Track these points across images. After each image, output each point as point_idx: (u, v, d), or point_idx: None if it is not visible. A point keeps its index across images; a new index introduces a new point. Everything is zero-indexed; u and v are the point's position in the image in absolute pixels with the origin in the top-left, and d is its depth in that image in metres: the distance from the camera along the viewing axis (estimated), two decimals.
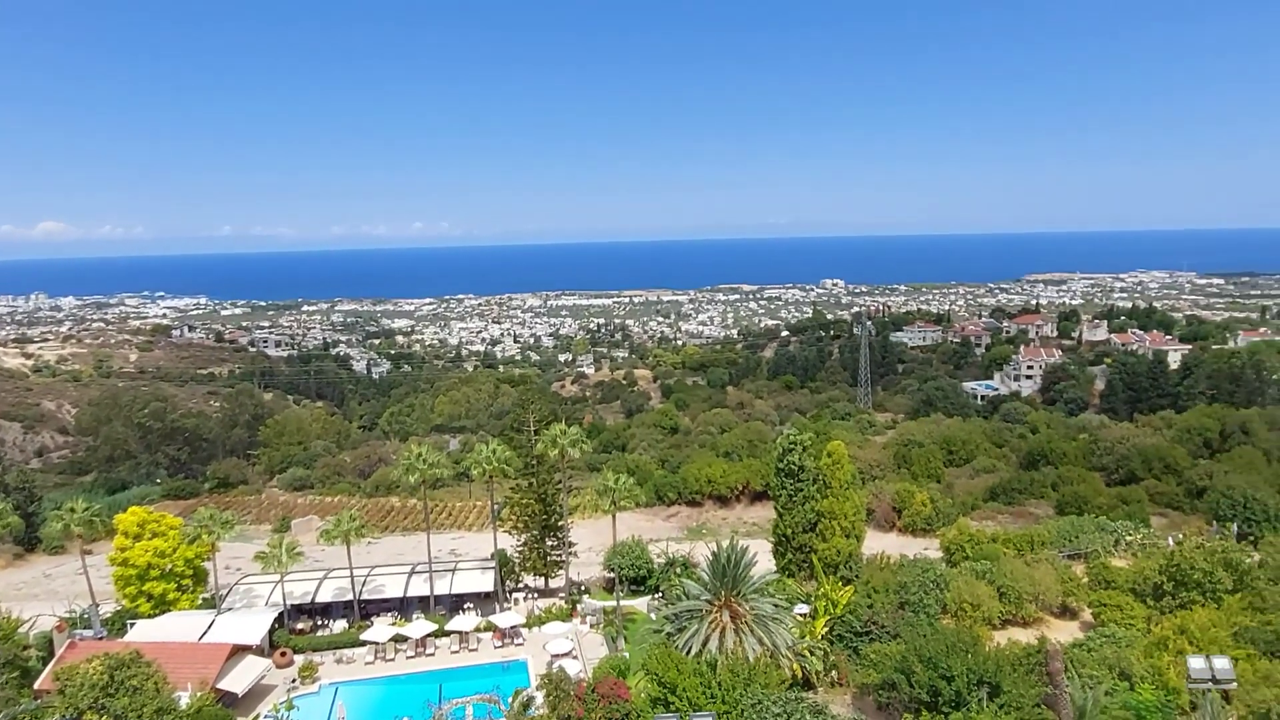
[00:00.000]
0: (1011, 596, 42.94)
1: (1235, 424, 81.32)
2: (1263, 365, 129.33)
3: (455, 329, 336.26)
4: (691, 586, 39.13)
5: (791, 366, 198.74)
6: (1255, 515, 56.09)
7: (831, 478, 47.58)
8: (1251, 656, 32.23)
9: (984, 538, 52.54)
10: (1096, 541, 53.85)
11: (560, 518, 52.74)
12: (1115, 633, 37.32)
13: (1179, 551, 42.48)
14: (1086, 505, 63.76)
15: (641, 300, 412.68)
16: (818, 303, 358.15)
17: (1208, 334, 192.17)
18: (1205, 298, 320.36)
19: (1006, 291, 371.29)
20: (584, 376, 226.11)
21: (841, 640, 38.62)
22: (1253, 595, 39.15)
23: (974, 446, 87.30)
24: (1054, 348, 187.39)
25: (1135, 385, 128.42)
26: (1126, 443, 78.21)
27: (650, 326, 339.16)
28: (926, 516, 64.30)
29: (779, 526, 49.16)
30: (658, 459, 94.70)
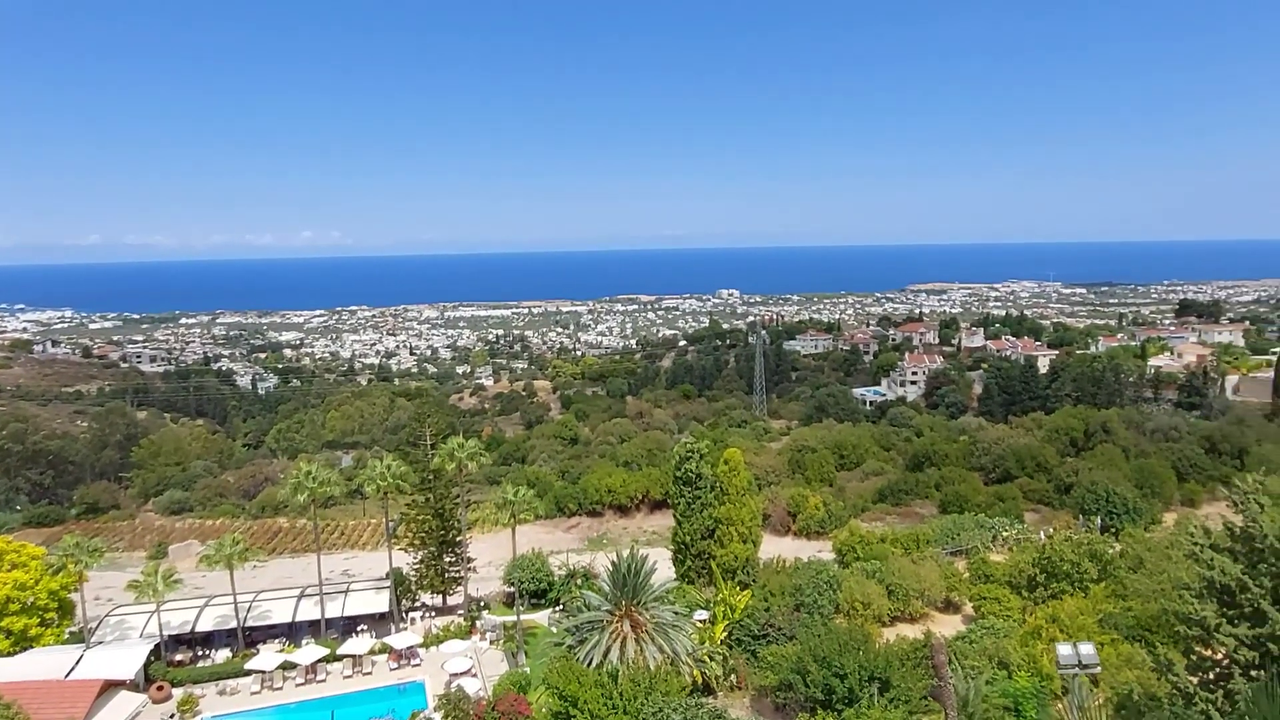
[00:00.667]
0: (900, 594, 44.71)
1: (1097, 424, 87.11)
2: (1120, 368, 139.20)
3: (348, 341, 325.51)
4: (592, 597, 39.05)
5: (689, 375, 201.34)
6: (1116, 509, 60.30)
7: (728, 484, 48.45)
8: (1115, 641, 34.53)
9: (874, 538, 54.48)
10: (976, 538, 56.63)
11: (459, 533, 51.76)
12: (994, 624, 39.33)
13: (1050, 545, 45.24)
14: (967, 504, 67.08)
15: (541, 311, 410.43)
16: (714, 312, 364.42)
17: (1072, 340, 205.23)
18: (1070, 306, 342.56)
19: (892, 301, 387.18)
20: (483, 388, 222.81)
21: (740, 644, 39.31)
22: (1115, 584, 42.01)
23: (864, 450, 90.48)
24: (936, 354, 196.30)
25: (1009, 389, 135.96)
26: (1002, 443, 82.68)
27: (550, 337, 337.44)
28: (820, 519, 66.20)
29: (678, 534, 49.64)
30: (558, 470, 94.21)
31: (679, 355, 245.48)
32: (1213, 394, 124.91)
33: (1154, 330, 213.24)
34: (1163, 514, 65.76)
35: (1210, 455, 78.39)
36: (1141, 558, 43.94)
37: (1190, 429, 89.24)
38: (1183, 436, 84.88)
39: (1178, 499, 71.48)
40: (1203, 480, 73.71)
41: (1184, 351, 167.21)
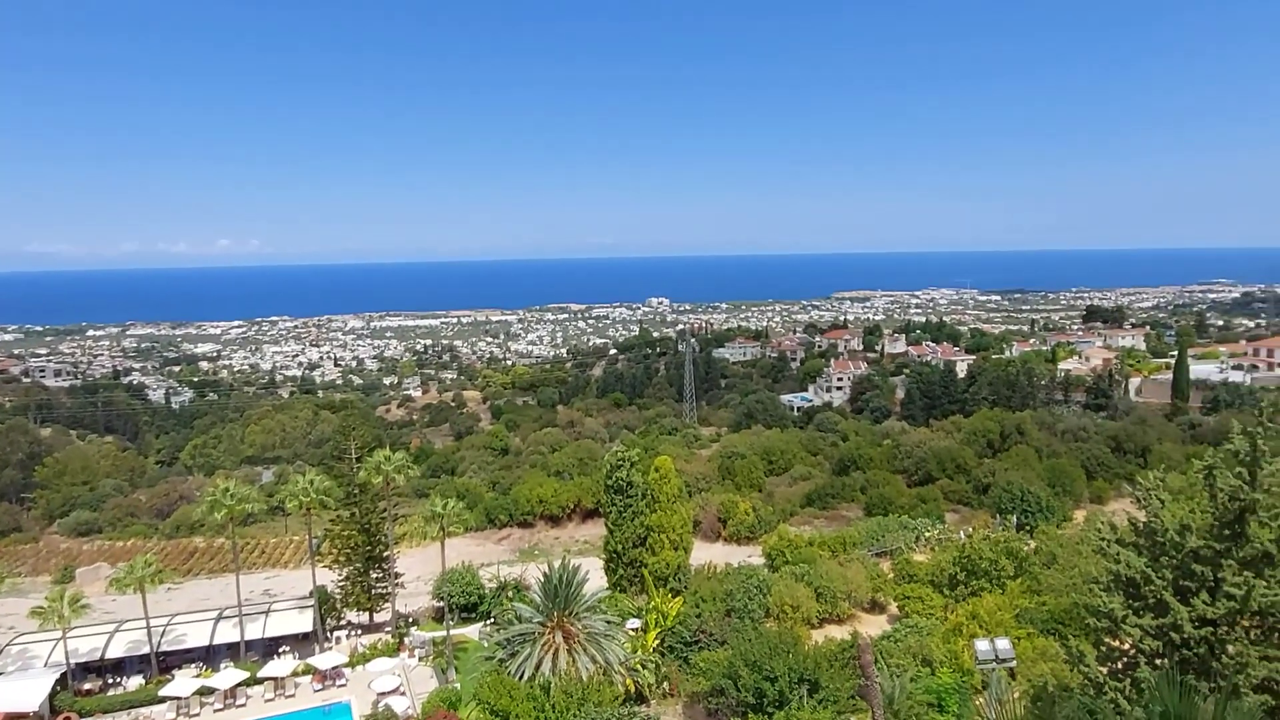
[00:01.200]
0: (828, 596, 45.55)
1: (1012, 425, 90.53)
2: (1033, 372, 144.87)
3: (268, 353, 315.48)
4: (524, 609, 38.65)
5: (620, 384, 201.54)
6: (1030, 507, 62.70)
7: (659, 492, 48.66)
8: (1031, 635, 35.86)
9: (802, 542, 55.39)
10: (900, 539, 58.15)
11: (385, 548, 50.61)
12: (918, 623, 40.40)
13: (969, 544, 46.76)
14: (891, 506, 68.84)
15: (470, 320, 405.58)
16: (644, 321, 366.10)
17: (988, 345, 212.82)
18: (986, 312, 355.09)
19: (818, 308, 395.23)
20: (410, 399, 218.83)
21: (672, 651, 39.45)
22: (1030, 580, 43.67)
23: (792, 455, 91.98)
24: (860, 360, 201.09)
25: (930, 393, 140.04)
26: (924, 446, 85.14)
27: (479, 347, 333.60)
28: (750, 525, 66.98)
29: (610, 543, 49.58)
30: (488, 481, 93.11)
31: (610, 364, 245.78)
32: (1117, 395, 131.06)
33: (1063, 335, 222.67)
34: (1073, 511, 68.67)
35: (1116, 454, 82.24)
36: (1054, 554, 45.78)
37: (1097, 429, 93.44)
38: (1091, 437, 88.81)
39: (1087, 496, 74.70)
40: (1109, 478, 77.20)
41: (1091, 355, 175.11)
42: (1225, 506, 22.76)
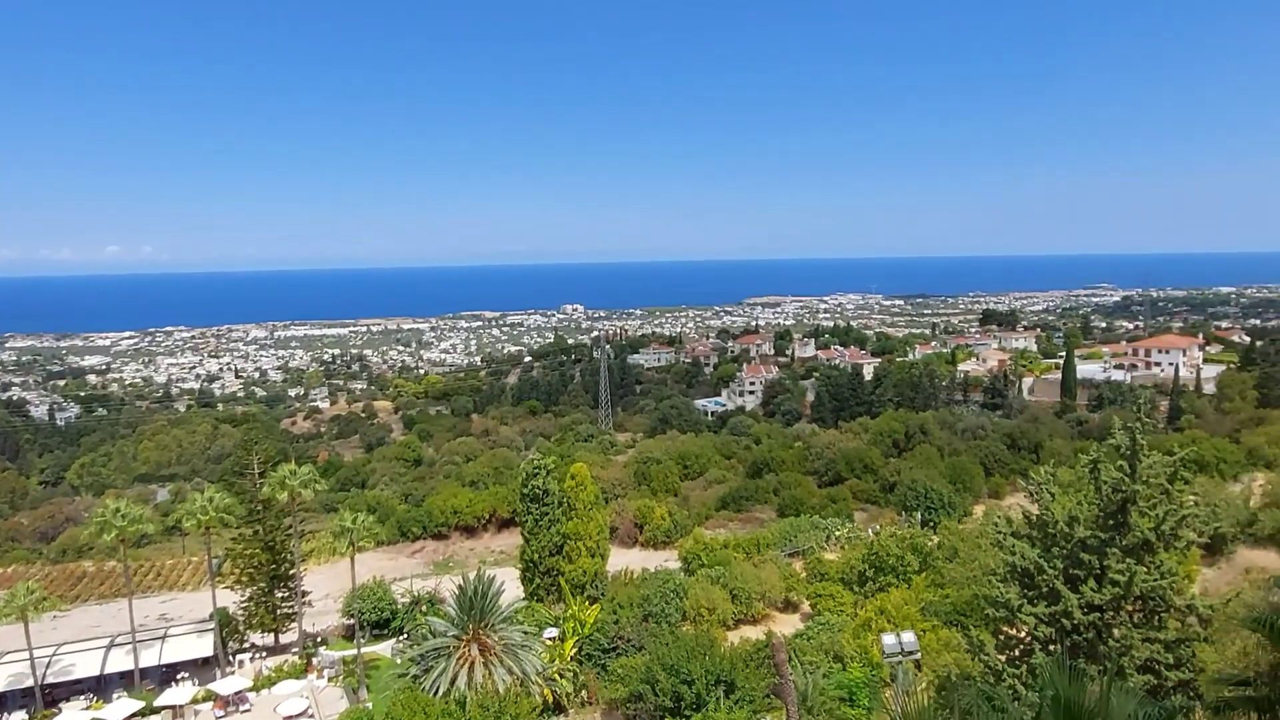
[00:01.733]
0: (742, 597, 46.20)
1: (916, 426, 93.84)
2: (934, 374, 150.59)
3: (163, 365, 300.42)
4: (438, 623, 37.86)
5: (535, 391, 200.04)
6: (934, 504, 65.10)
7: (576, 499, 48.48)
8: (935, 627, 37.18)
9: (717, 545, 56.06)
10: (812, 539, 59.45)
11: (292, 566, 48.80)
12: (829, 620, 41.40)
13: (877, 541, 48.19)
14: (803, 506, 70.35)
15: (380, 329, 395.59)
16: (559, 328, 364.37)
17: (893, 348, 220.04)
18: (890, 316, 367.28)
19: (730, 314, 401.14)
20: (318, 411, 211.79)
21: (590, 659, 39.28)
22: (934, 574, 45.30)
23: (706, 460, 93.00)
24: (772, 364, 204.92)
25: (839, 395, 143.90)
26: (833, 447, 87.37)
27: (390, 356, 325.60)
28: (666, 529, 67.39)
29: (526, 552, 49.10)
30: (401, 493, 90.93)
31: (525, 371, 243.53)
32: (1012, 395, 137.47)
33: (962, 338, 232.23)
34: (973, 506, 71.63)
35: (1011, 451, 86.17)
36: (956, 548, 47.60)
37: (994, 427, 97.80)
38: (988, 435, 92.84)
39: (985, 492, 78.02)
40: (1006, 474, 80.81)
41: (987, 357, 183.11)
42: (1109, 498, 24.09)
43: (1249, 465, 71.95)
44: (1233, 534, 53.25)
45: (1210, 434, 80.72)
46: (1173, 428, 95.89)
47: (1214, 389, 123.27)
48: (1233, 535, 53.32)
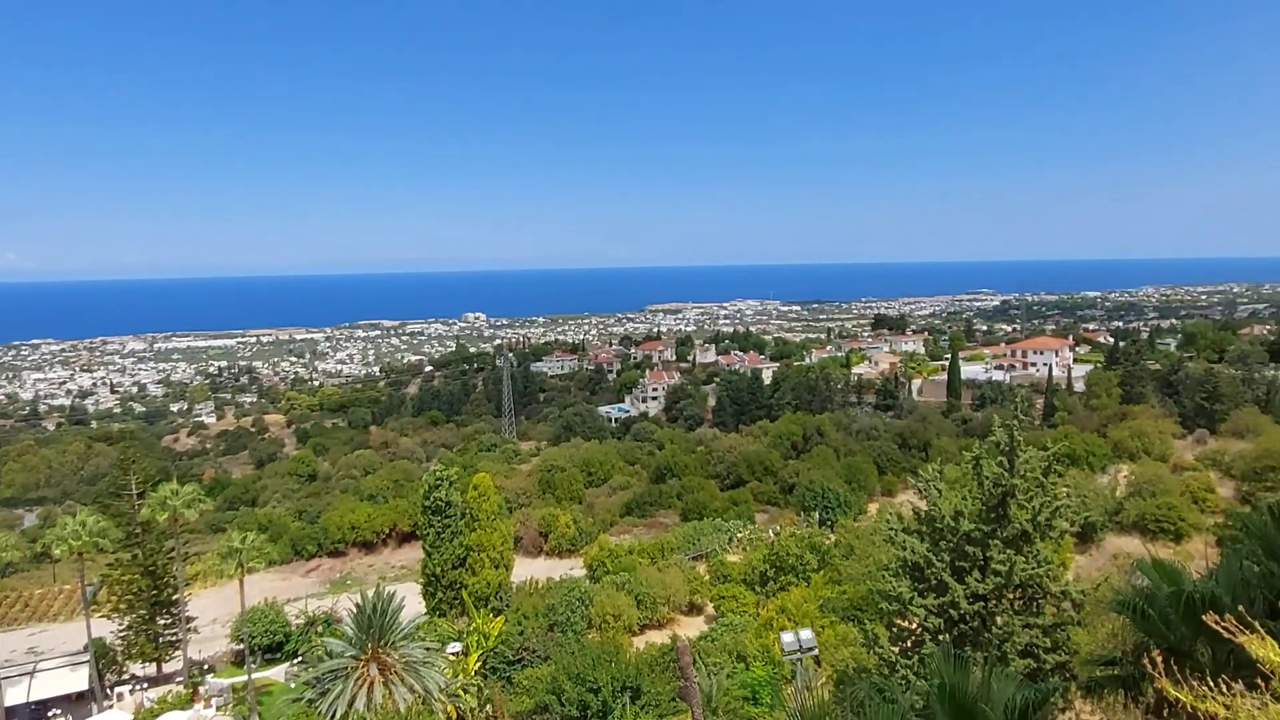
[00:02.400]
0: (648, 602, 46.42)
1: (813, 428, 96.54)
2: (830, 377, 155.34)
3: (29, 381, 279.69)
4: (335, 644, 36.45)
5: (437, 401, 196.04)
6: (831, 503, 67.07)
7: (479, 510, 47.75)
8: (833, 623, 38.21)
9: (622, 551, 56.17)
10: (715, 541, 60.29)
11: (175, 590, 46.16)
12: (733, 621, 42.02)
13: (777, 541, 49.30)
14: (706, 510, 71.29)
15: (271, 340, 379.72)
16: (461, 336, 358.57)
17: (791, 352, 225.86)
18: (788, 322, 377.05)
19: (633, 321, 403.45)
20: (203, 427, 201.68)
21: (495, 672, 38.65)
22: (832, 571, 46.60)
23: (610, 466, 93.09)
24: (674, 370, 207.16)
25: (739, 400, 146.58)
26: (734, 451, 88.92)
27: (282, 367, 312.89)
28: (571, 537, 67.12)
29: (428, 566, 48.05)
30: (294, 510, 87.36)
31: (426, 381, 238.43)
32: (903, 396, 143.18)
33: (856, 342, 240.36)
34: (868, 504, 74.12)
35: (903, 450, 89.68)
36: (852, 545, 49.12)
37: (886, 428, 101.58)
38: (881, 435, 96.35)
39: (879, 490, 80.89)
40: (898, 472, 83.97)
41: (879, 360, 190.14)
42: (990, 492, 25.30)
43: (1115, 457, 77.06)
44: (1101, 522, 56.94)
45: (1080, 429, 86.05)
46: (1048, 424, 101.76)
47: (1083, 387, 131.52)
48: (1101, 523, 57.01)
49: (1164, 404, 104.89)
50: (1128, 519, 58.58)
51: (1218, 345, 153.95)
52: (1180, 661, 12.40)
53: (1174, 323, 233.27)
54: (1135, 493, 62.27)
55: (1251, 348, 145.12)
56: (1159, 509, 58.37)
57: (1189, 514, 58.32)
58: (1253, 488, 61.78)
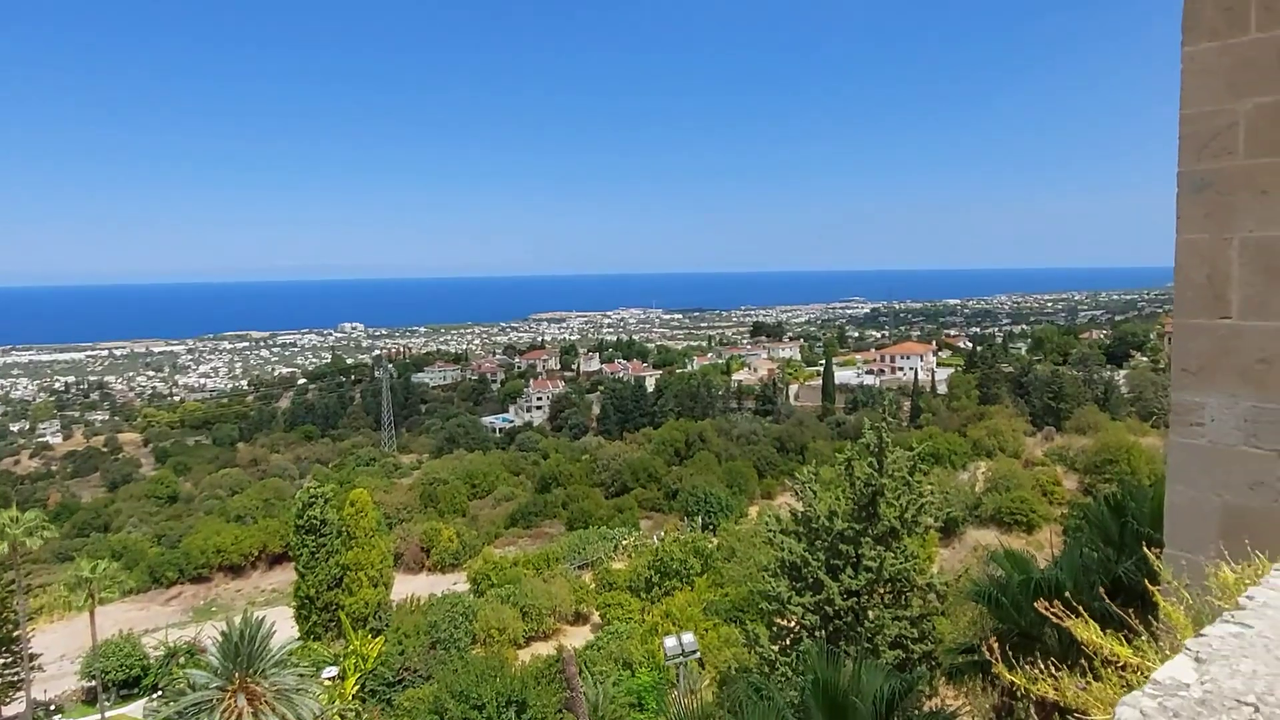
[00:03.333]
0: (533, 614, 45.96)
1: (695, 434, 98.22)
2: (711, 384, 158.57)
3: None
4: (198, 675, 34.17)
5: (311, 415, 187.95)
6: (713, 507, 68.39)
7: (356, 527, 46.09)
8: (717, 625, 38.93)
9: (507, 563, 55.47)
10: (600, 549, 60.38)
11: (15, 626, 42.30)
12: (619, 628, 42.13)
13: (662, 547, 49.83)
14: (591, 518, 71.32)
15: (125, 353, 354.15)
16: (337, 347, 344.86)
17: (673, 360, 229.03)
18: (670, 330, 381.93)
19: (516, 330, 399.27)
20: (48, 448, 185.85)
21: (375, 695, 37.29)
22: (715, 574, 47.50)
23: (494, 477, 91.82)
24: (558, 379, 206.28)
25: (623, 408, 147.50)
26: (619, 459, 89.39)
27: (138, 382, 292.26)
28: (454, 551, 65.75)
29: (301, 588, 45.98)
30: (153, 535, 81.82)
31: (299, 394, 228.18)
32: (780, 401, 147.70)
33: (736, 349, 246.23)
34: (748, 507, 76.00)
35: (781, 453, 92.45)
36: (734, 548, 50.25)
37: (765, 432, 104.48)
38: (760, 440, 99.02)
39: (759, 493, 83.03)
40: (776, 475, 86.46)
41: (758, 366, 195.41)
42: (861, 492, 26.41)
43: (974, 455, 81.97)
44: (962, 517, 60.46)
45: (943, 429, 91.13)
46: (914, 425, 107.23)
47: (946, 389, 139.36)
48: (962, 518, 60.54)
49: (1016, 404, 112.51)
50: (986, 513, 62.44)
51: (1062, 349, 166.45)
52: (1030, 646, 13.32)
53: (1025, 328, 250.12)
54: (992, 488, 66.45)
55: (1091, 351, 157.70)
56: (1013, 502, 62.53)
57: (1039, 506, 62.75)
58: (1093, 480, 66.98)
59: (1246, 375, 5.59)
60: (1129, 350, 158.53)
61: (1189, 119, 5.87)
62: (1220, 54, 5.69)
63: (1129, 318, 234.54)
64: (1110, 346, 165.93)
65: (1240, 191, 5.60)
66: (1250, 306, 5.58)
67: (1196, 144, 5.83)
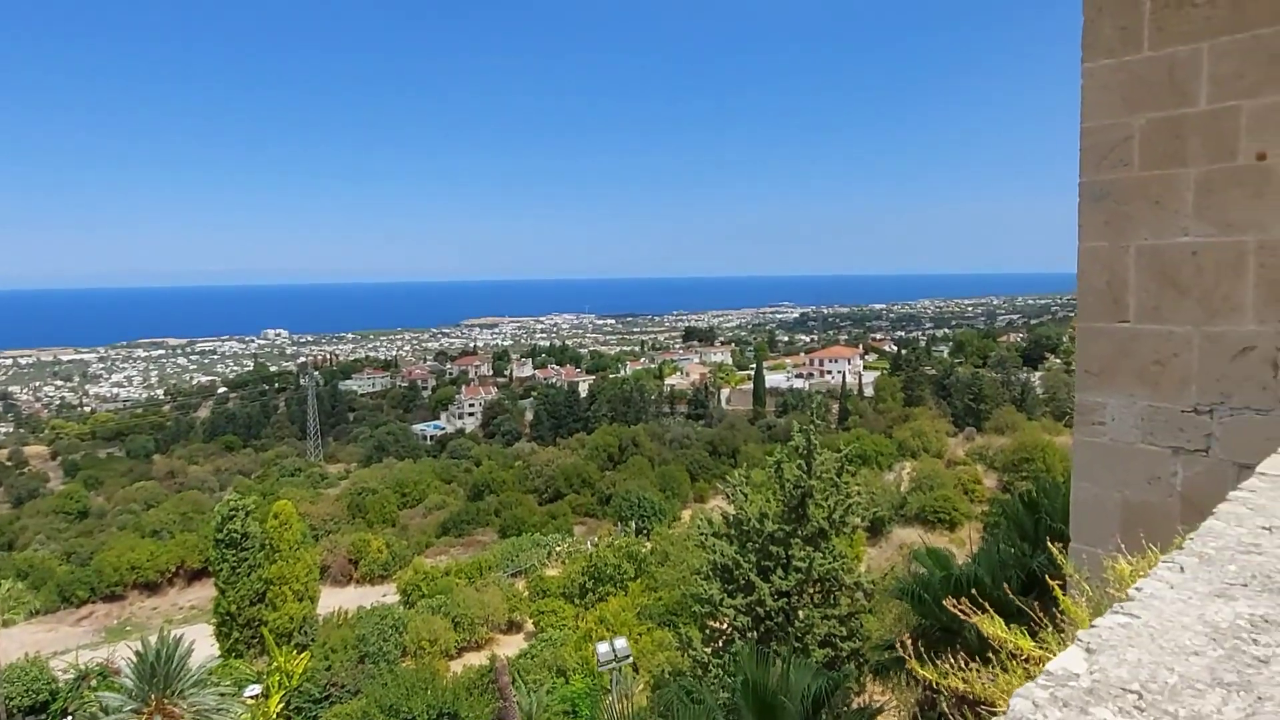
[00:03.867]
0: (465, 624, 45.30)
1: (628, 438, 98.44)
2: (644, 388, 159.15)
3: None
4: (111, 698, 32.67)
5: (232, 425, 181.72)
6: (647, 512, 68.62)
7: (280, 540, 44.77)
8: (651, 630, 39.00)
9: (438, 573, 54.57)
10: (534, 556, 59.92)
11: None
12: (552, 635, 41.85)
13: (596, 552, 49.72)
14: (524, 525, 70.74)
15: (31, 361, 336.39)
16: (260, 354, 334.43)
17: (606, 365, 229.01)
18: (603, 335, 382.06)
19: (448, 335, 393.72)
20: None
21: (300, 713, 36.21)
22: (649, 578, 47.60)
23: (425, 486, 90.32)
24: (491, 385, 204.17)
25: (556, 414, 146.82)
26: (552, 464, 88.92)
27: (45, 392, 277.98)
28: (384, 562, 64.44)
29: (222, 604, 44.41)
30: (62, 552, 77.86)
31: (219, 404, 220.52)
32: (713, 405, 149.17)
33: (668, 354, 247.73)
34: (681, 511, 76.47)
35: (713, 457, 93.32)
36: (667, 552, 50.44)
37: (698, 436, 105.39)
38: (693, 443, 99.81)
39: (692, 496, 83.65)
40: (709, 478, 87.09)
41: (690, 371, 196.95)
42: (791, 494, 26.85)
43: (900, 456, 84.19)
44: (888, 516, 61.98)
45: (870, 431, 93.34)
46: (842, 427, 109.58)
47: (872, 392, 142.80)
48: (889, 517, 62.06)
49: (939, 405, 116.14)
50: (911, 512, 64.16)
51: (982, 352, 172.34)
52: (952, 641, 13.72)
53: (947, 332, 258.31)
54: (917, 488, 68.34)
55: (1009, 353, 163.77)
56: (936, 501, 64.41)
57: (961, 504, 64.79)
58: (1011, 478, 69.47)
59: (1143, 376, 5.88)
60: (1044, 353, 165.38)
61: (1088, 132, 6.15)
62: (1116, 70, 5.98)
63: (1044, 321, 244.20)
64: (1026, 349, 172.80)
65: (1135, 201, 5.89)
66: (1145, 311, 5.87)
67: (1096, 156, 6.11)
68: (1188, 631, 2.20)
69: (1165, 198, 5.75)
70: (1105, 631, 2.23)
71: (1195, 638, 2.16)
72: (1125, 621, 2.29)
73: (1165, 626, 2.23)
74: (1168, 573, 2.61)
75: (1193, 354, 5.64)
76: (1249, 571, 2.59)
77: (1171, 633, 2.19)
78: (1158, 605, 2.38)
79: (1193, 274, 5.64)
